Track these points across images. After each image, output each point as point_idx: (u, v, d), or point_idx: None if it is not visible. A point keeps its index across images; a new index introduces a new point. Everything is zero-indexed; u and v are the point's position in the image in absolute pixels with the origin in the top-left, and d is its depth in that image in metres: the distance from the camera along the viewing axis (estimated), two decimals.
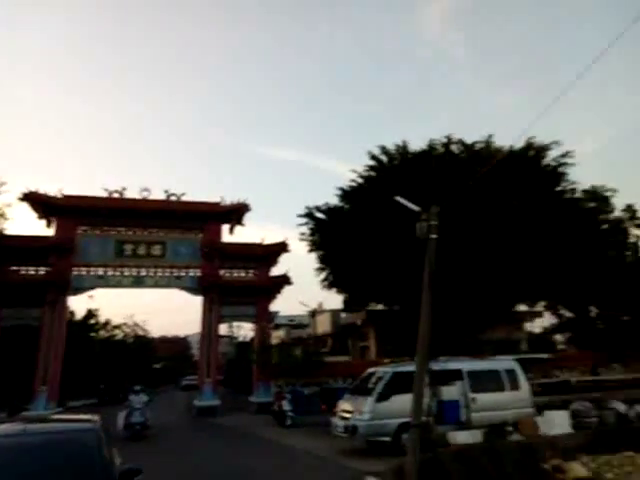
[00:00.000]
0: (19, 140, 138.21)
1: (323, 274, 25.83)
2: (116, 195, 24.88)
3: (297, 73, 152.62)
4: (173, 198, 25.55)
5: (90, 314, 36.09)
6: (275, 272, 26.54)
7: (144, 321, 48.80)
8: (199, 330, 25.82)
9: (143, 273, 25.09)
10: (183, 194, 25.66)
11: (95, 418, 5.52)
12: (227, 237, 26.71)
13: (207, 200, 26.29)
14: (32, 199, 23.77)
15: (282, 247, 26.20)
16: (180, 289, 25.58)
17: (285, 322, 46.30)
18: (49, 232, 24.71)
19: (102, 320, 39.02)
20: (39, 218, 24.60)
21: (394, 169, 21.90)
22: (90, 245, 24.69)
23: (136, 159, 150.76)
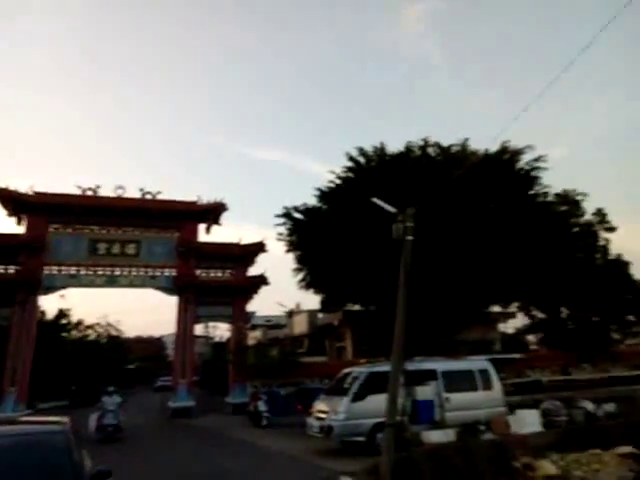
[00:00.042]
0: None
1: (300, 274, 25.83)
2: (90, 193, 24.41)
3: (276, 73, 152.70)
4: (149, 197, 25.21)
5: (62, 314, 35.25)
6: (252, 272, 26.45)
7: (118, 321, 47.78)
8: (174, 330, 25.53)
9: (117, 272, 24.68)
10: (159, 193, 25.36)
11: (64, 420, 5.43)
12: (204, 237, 26.54)
13: (184, 199, 26.04)
14: (2, 196, 23.21)
15: (259, 247, 26.10)
16: (155, 289, 25.25)
17: (262, 322, 46.05)
18: (20, 230, 24.13)
19: (74, 320, 38.16)
20: (9, 215, 23.97)
21: (372, 171, 22.06)
22: (62, 243, 24.17)
23: (112, 158, 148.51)
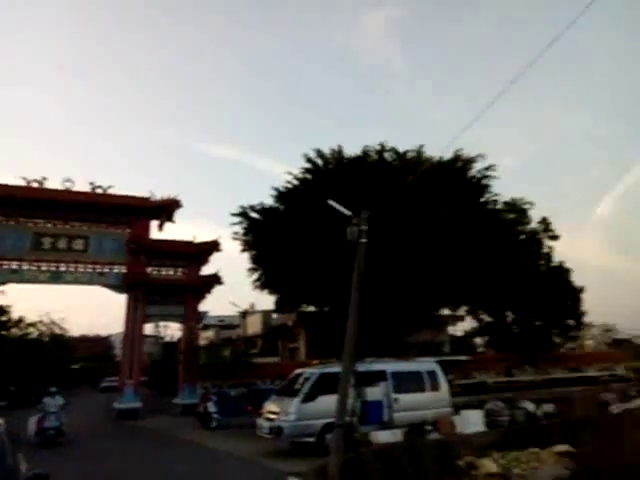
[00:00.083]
0: None
1: (255, 274, 25.71)
2: (35, 185, 23.33)
3: (234, 71, 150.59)
4: (99, 191, 24.33)
5: (1, 310, 33.47)
6: (206, 271, 26.04)
7: (62, 319, 45.73)
8: (123, 329, 24.75)
9: (62, 268, 23.68)
10: (110, 187, 24.52)
11: None
12: (156, 234, 25.88)
13: (136, 194, 25.30)
14: None
15: (214, 246, 25.69)
16: (103, 286, 24.41)
17: (215, 322, 45.45)
18: None
19: (15, 317, 36.31)
20: None
21: (329, 173, 22.25)
22: (3, 237, 22.97)
23: (62, 151, 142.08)
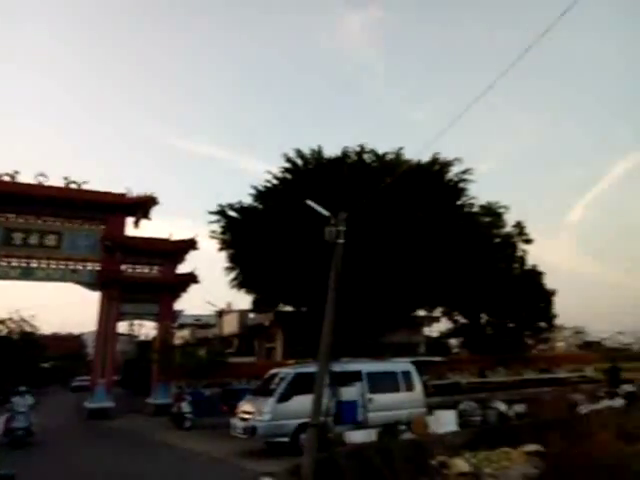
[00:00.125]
0: None
1: (233, 274, 25.53)
2: (7, 179, 22.68)
3: (214, 70, 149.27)
4: (73, 186, 23.78)
5: None
6: (182, 269, 25.72)
7: (33, 316, 44.61)
8: (96, 328, 24.26)
9: (34, 265, 23.06)
10: (85, 182, 24.00)
11: None
12: (132, 231, 25.43)
13: (112, 190, 24.82)
14: None
15: (190, 244, 25.38)
16: (76, 283, 23.86)
17: (191, 322, 45.05)
18: None
19: None
20: None
21: (308, 173, 22.25)
22: None
23: (36, 145, 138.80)
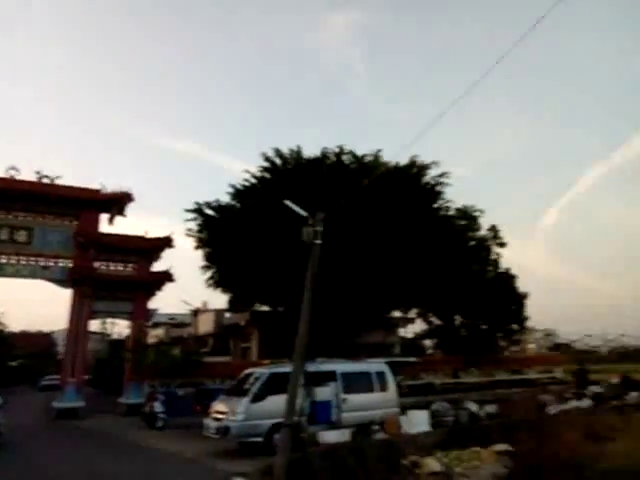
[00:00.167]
0: None
1: (209, 272, 25.33)
2: None
3: (193, 67, 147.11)
4: (46, 181, 23.27)
5: None
6: (157, 268, 25.39)
7: (2, 313, 43.50)
8: (67, 326, 23.76)
9: (3, 260, 22.46)
10: (58, 177, 23.49)
11: None
12: (107, 228, 25.01)
13: (86, 186, 24.33)
14: None
15: (166, 242, 25.05)
16: (47, 280, 23.34)
17: (165, 320, 44.46)
18: None
19: None
20: None
21: (287, 173, 22.24)
22: None
23: (9, 138, 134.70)
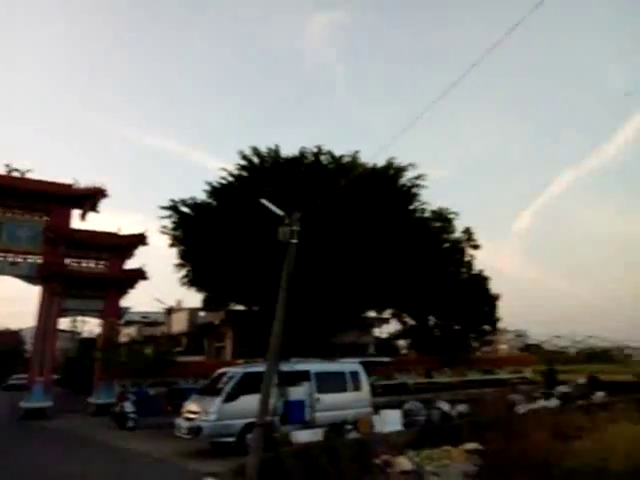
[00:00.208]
0: None
1: (183, 271, 25.01)
2: None
3: (171, 63, 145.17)
4: (16, 174, 22.66)
5: None
6: (131, 265, 24.98)
7: None
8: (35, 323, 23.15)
9: None
10: (28, 171, 22.91)
11: None
12: (79, 224, 24.45)
13: (58, 181, 23.76)
14: None
15: (140, 239, 24.65)
16: (14, 276, 22.72)
17: (138, 319, 43.78)
18: None
19: None
20: None
21: (265, 171, 22.14)
22: None
23: None
